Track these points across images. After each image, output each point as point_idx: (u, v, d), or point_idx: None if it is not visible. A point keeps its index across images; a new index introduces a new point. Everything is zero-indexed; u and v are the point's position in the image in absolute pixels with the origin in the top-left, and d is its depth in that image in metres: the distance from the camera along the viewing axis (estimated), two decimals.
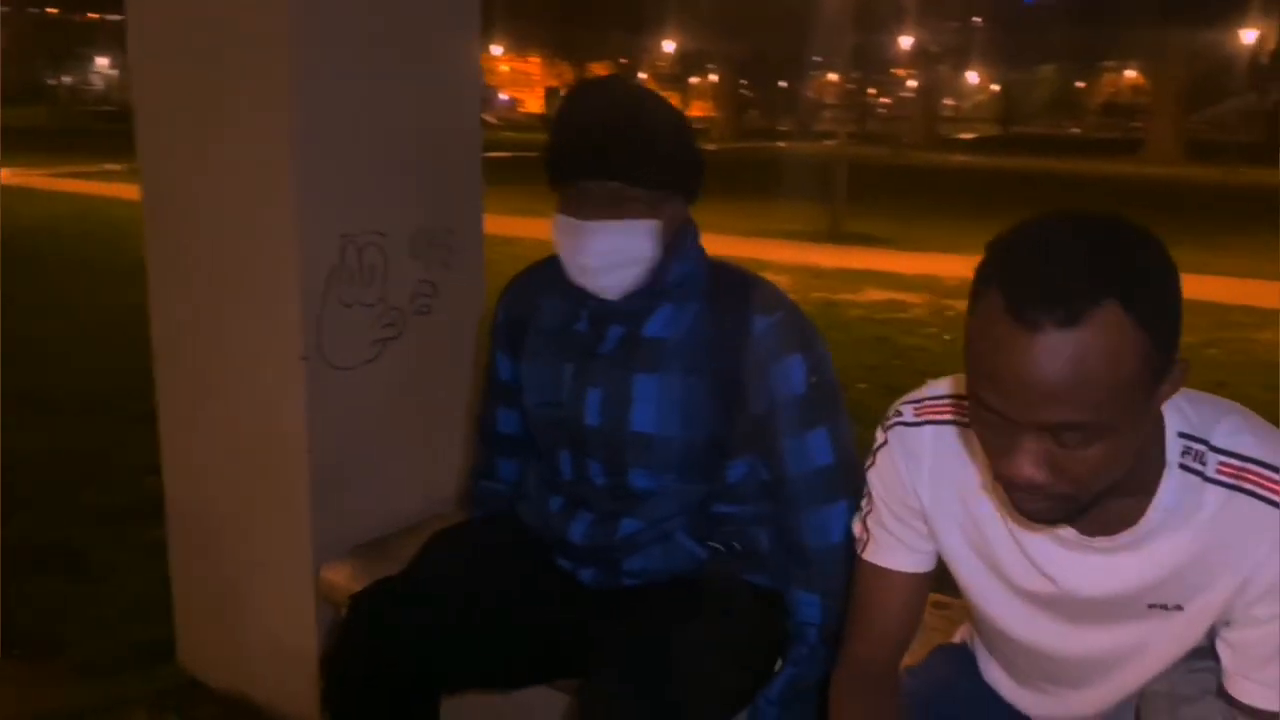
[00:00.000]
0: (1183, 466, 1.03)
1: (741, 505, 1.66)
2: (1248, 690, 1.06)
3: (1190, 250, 10.98)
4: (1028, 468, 0.94)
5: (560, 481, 1.70)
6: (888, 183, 18.46)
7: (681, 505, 1.63)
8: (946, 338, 6.78)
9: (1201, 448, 1.03)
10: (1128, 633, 1.12)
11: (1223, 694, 1.08)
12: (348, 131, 2.05)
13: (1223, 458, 1.02)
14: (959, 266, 9.51)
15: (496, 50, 37.69)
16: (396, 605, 1.62)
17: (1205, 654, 1.12)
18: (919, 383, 1.38)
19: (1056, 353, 0.88)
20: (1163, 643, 1.11)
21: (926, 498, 1.18)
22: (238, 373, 2.16)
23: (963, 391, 1.16)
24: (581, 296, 1.62)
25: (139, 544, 3.13)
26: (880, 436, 1.22)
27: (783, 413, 1.56)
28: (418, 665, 1.58)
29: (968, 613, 1.39)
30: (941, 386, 1.20)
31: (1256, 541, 1.01)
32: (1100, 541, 1.06)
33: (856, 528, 1.30)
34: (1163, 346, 0.91)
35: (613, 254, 1.55)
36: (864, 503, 1.28)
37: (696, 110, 54.36)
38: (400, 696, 1.60)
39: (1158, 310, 0.90)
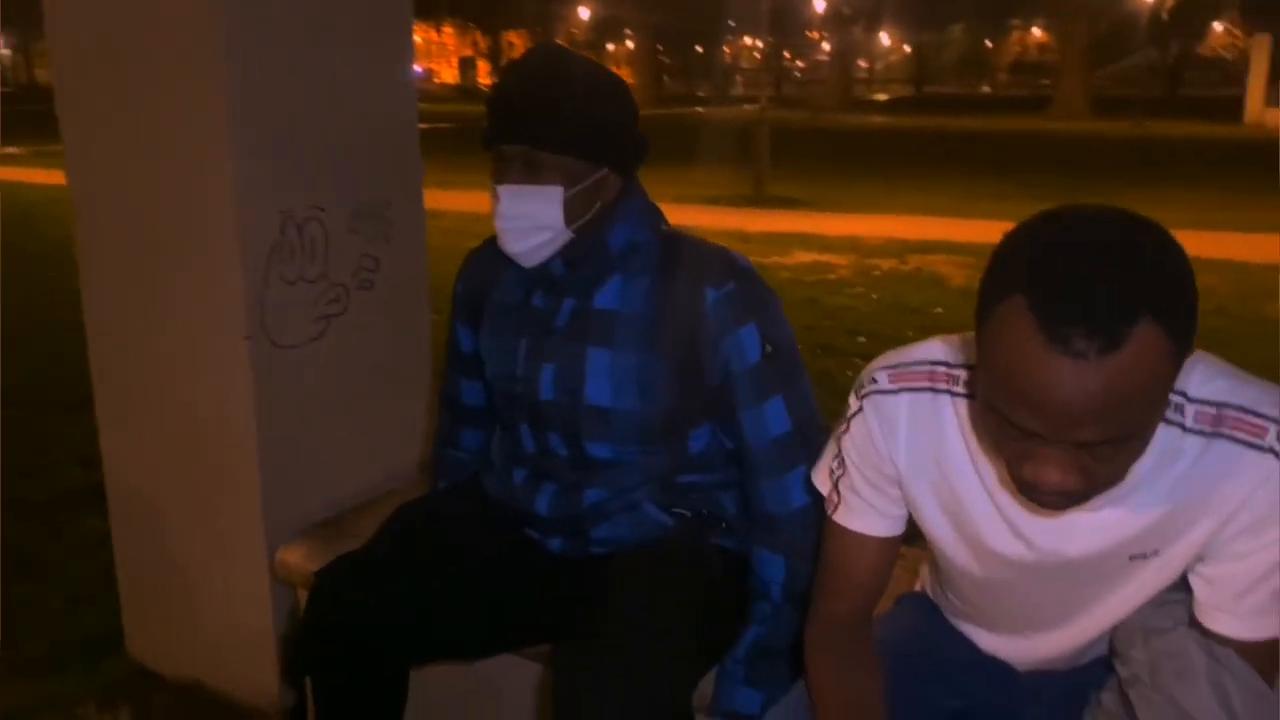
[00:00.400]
0: (1164, 420, 1.04)
1: (707, 473, 1.67)
2: (1223, 621, 1.10)
3: (1098, 201, 11.29)
4: (1056, 476, 0.94)
5: (523, 454, 1.70)
6: (807, 145, 18.60)
7: (645, 475, 1.64)
8: (874, 296, 6.89)
9: (1180, 399, 1.05)
10: (1106, 583, 1.16)
11: (1194, 624, 1.12)
12: (284, 106, 2.00)
13: (1199, 406, 1.05)
14: (881, 227, 9.67)
15: None
16: (360, 579, 1.61)
17: (1176, 587, 1.16)
18: (850, 342, 1.41)
19: (1097, 378, 0.86)
20: (1137, 586, 1.15)
21: (902, 465, 1.19)
22: (180, 355, 2.11)
23: (939, 358, 1.17)
24: (535, 269, 1.62)
25: (76, 536, 3.06)
26: (855, 404, 1.21)
27: (739, 384, 1.56)
28: (384, 639, 1.58)
29: (932, 564, 1.43)
30: (916, 352, 1.19)
31: (1236, 483, 1.04)
32: (1091, 503, 1.07)
33: (826, 488, 1.30)
34: (1187, 346, 0.91)
35: (519, 219, 1.55)
36: (835, 465, 1.27)
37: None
38: (367, 671, 1.60)
39: (1186, 316, 0.89)
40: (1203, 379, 1.06)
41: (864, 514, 1.26)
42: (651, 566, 1.57)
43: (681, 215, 1.74)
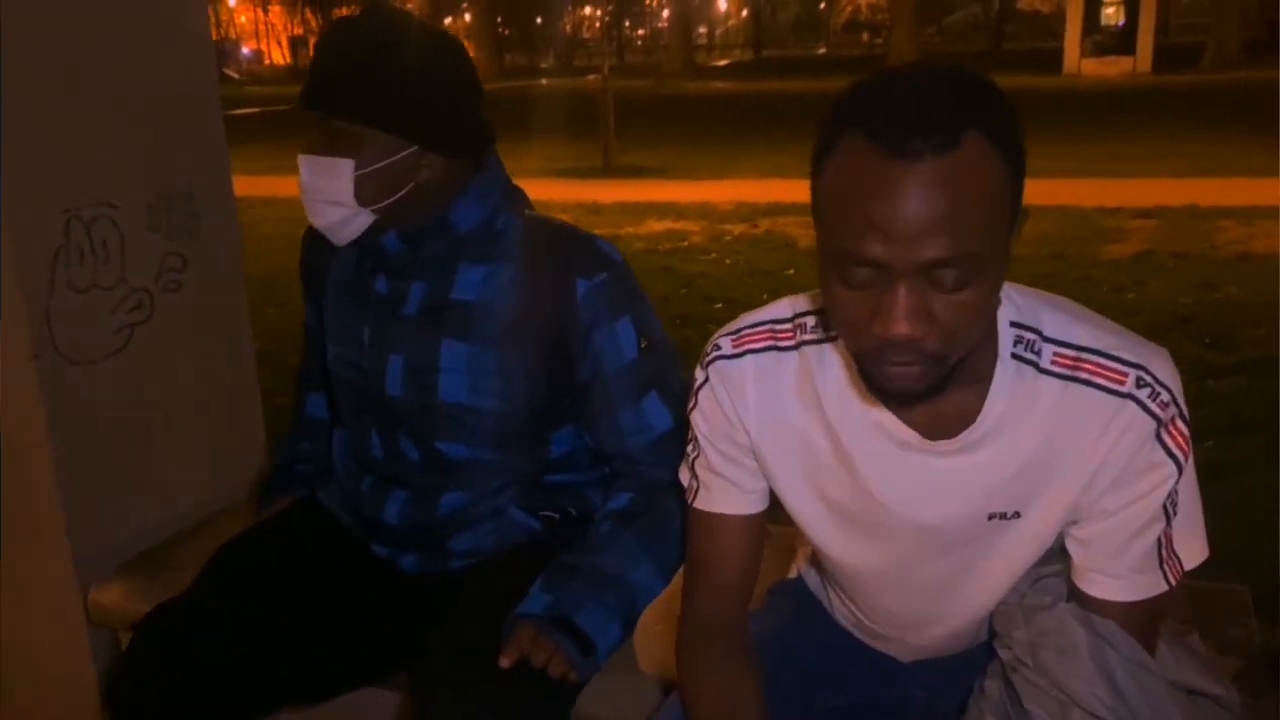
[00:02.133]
0: (1015, 356, 1.00)
1: (575, 472, 1.56)
2: (1100, 584, 1.05)
3: None
4: (904, 322, 0.88)
5: (370, 459, 1.56)
6: (653, 114, 18.58)
7: (508, 477, 1.51)
8: (728, 262, 6.89)
9: (1034, 337, 1.00)
10: (970, 551, 1.09)
11: (1074, 595, 1.07)
12: (60, 96, 1.77)
13: (1056, 348, 1.00)
14: (730, 191, 9.72)
15: (232, 1, 35.25)
16: (187, 628, 1.44)
17: (1051, 561, 1.11)
18: (707, 309, 1.33)
19: (936, 180, 0.85)
20: (1002, 556, 1.09)
21: (753, 429, 1.12)
22: None
23: (781, 316, 1.10)
24: (373, 249, 1.47)
25: None
26: (700, 375, 1.14)
27: (613, 382, 1.45)
28: (219, 692, 1.41)
29: (807, 548, 1.35)
30: (757, 315, 1.13)
31: (1100, 432, 0.99)
32: (943, 445, 1.02)
33: (684, 476, 1.22)
34: (1018, 182, 0.90)
35: (313, 191, 1.42)
36: (689, 448, 1.19)
37: None
38: None
39: (1014, 141, 0.89)
40: (1062, 321, 1.01)
41: (724, 492, 1.17)
42: (515, 574, 1.44)
43: (532, 189, 1.60)
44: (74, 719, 2.01)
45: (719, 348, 1.12)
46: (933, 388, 0.93)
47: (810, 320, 1.09)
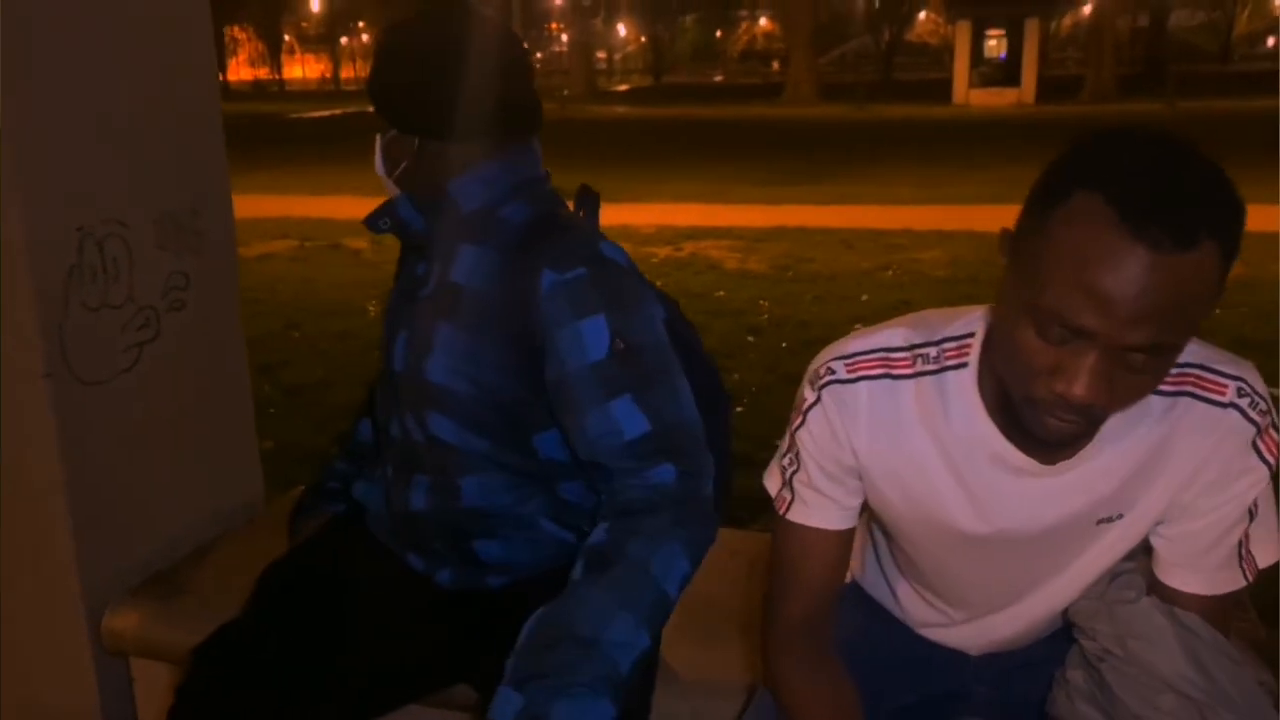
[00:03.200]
0: None
1: (588, 487, 1.52)
2: (1185, 578, 1.12)
3: (842, 183, 11.97)
4: (1089, 388, 0.92)
5: (390, 440, 1.57)
6: (559, 136, 18.58)
7: (516, 476, 1.48)
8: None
9: None
10: (1070, 550, 1.16)
11: (1154, 588, 1.15)
12: (71, 116, 1.73)
13: None
14: (651, 215, 9.81)
15: None
16: (248, 653, 1.42)
17: (1127, 556, 1.18)
18: None
19: (1168, 274, 0.87)
20: (1099, 553, 1.16)
21: (863, 452, 1.16)
22: None
23: (894, 344, 1.14)
24: (402, 228, 1.53)
25: None
26: (811, 395, 1.17)
27: (578, 382, 1.37)
28: (279, 714, 1.39)
29: (868, 551, 1.40)
30: (867, 341, 1.16)
31: (1200, 439, 1.07)
32: (1061, 466, 1.09)
33: (773, 485, 1.25)
34: (1227, 274, 0.92)
35: (379, 168, 1.54)
36: (787, 461, 1.23)
37: (349, 72, 52.19)
38: None
39: (1239, 244, 0.91)
40: None
41: (821, 508, 1.21)
42: (558, 592, 1.43)
43: None
44: None
45: (833, 371, 1.15)
46: (1083, 439, 1.00)
47: (931, 351, 1.13)
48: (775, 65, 44.13)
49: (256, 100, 37.52)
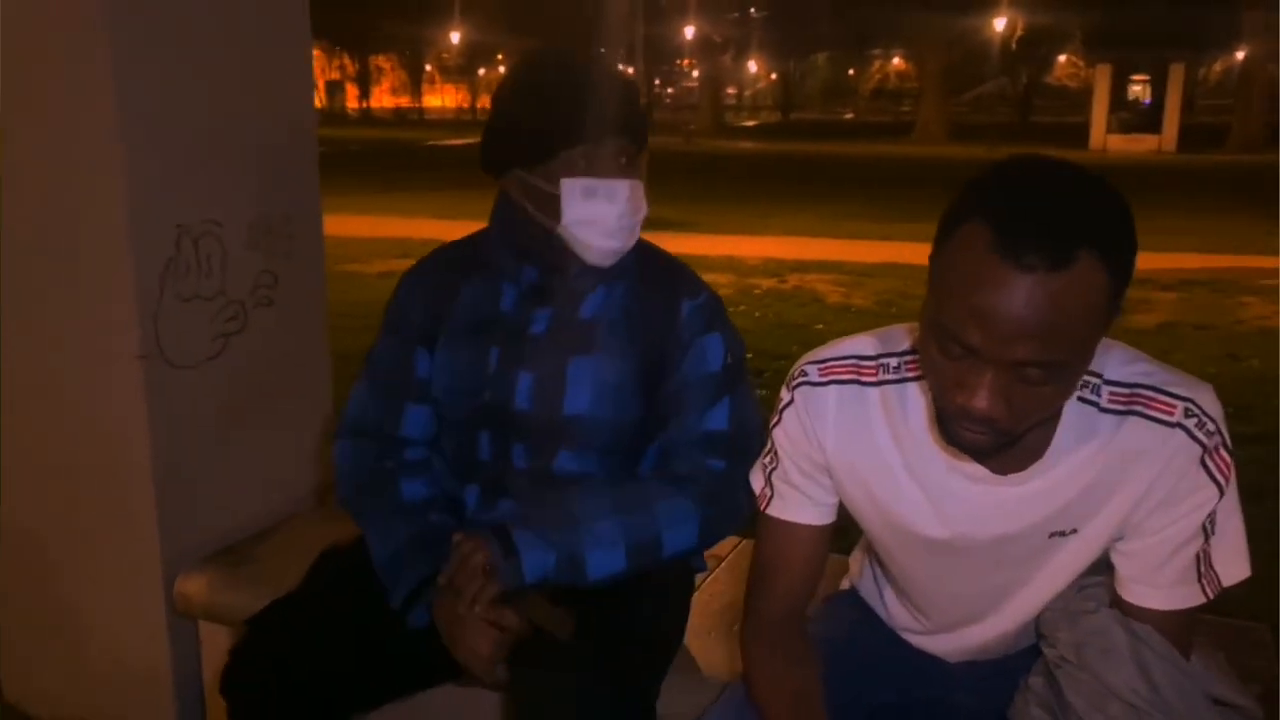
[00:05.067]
0: (1080, 399, 1.11)
1: None
2: (1145, 595, 1.16)
3: None
4: (986, 401, 0.99)
5: (478, 464, 1.61)
6: (682, 170, 18.84)
7: None
8: (756, 314, 7.02)
9: (1096, 380, 1.12)
10: (1029, 564, 1.21)
11: (1117, 603, 1.18)
12: (177, 120, 1.93)
13: (1112, 388, 1.12)
14: (759, 247, 9.88)
15: None
16: (299, 627, 1.53)
17: (1095, 570, 1.22)
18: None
19: (1043, 294, 0.93)
20: (1058, 567, 1.21)
21: (830, 451, 1.23)
22: (71, 377, 2.00)
23: (864, 353, 1.22)
24: (511, 276, 1.58)
25: None
26: (786, 395, 1.26)
27: (695, 389, 1.54)
28: (325, 691, 1.50)
29: (865, 558, 1.46)
30: (841, 348, 1.24)
31: (1150, 459, 1.11)
32: (1013, 478, 1.14)
33: (757, 483, 1.33)
34: (1121, 293, 0.98)
35: (636, 213, 1.53)
36: (768, 459, 1.31)
37: (486, 102, 53.81)
38: None
39: (1125, 255, 0.97)
40: (1118, 363, 1.13)
41: (797, 504, 1.29)
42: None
43: None
44: (145, 708, 2.12)
45: (806, 374, 1.24)
46: (998, 450, 1.06)
47: (892, 361, 1.21)
48: (907, 105, 43.74)
49: (397, 127, 39.06)
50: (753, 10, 35.97)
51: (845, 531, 1.37)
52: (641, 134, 1.55)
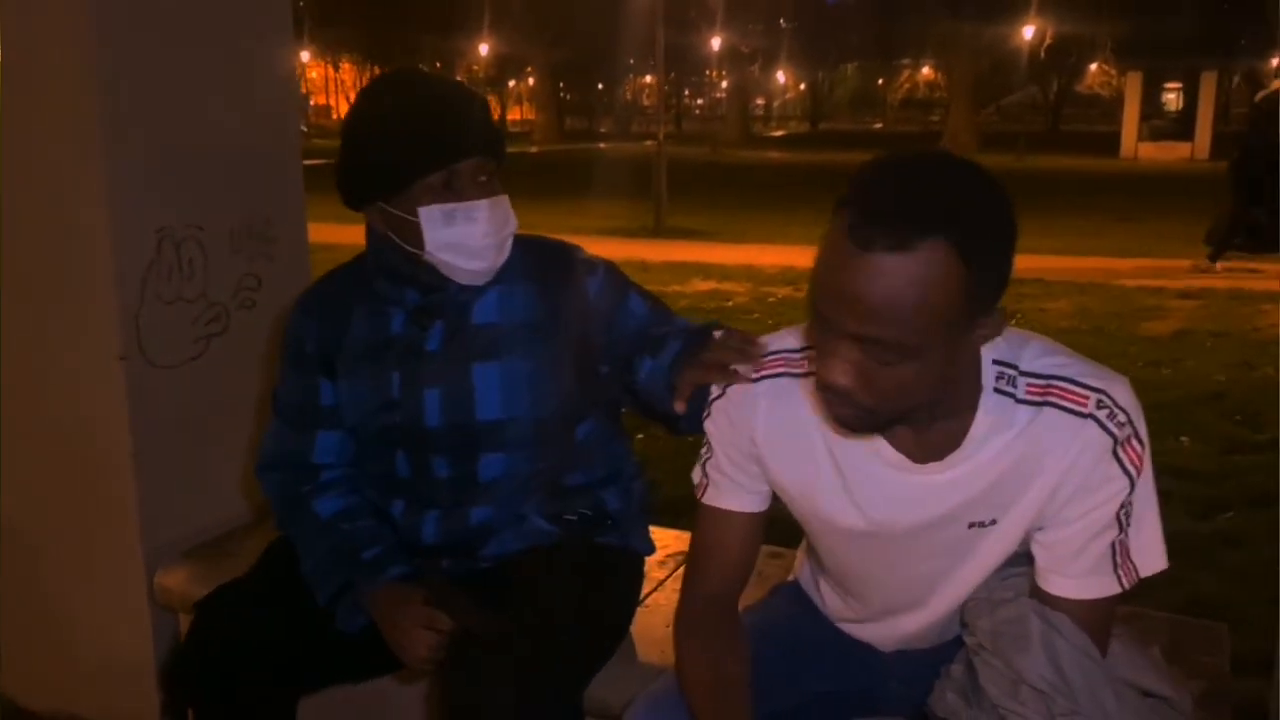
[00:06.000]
0: (997, 390, 1.14)
1: (589, 471, 1.69)
2: (1060, 584, 1.18)
3: None
4: (838, 373, 1.04)
5: (398, 481, 1.65)
6: (706, 179, 18.89)
7: (532, 485, 1.63)
8: (770, 323, 7.03)
9: (1012, 372, 1.14)
10: (950, 554, 1.23)
11: (1036, 593, 1.20)
12: (160, 125, 2.00)
13: (1029, 379, 1.14)
14: (777, 256, 9.87)
15: (305, 56, 36.49)
16: (245, 608, 1.58)
17: (1018, 560, 1.24)
18: None
19: (879, 274, 0.98)
20: (980, 557, 1.23)
21: (760, 442, 1.27)
22: (54, 378, 2.07)
23: (790, 346, 1.26)
24: (394, 297, 1.58)
25: None
26: (716, 390, 1.30)
27: (643, 330, 1.61)
28: (272, 669, 1.55)
29: (805, 550, 1.49)
30: (770, 343, 1.29)
31: (1064, 449, 1.13)
32: (930, 467, 1.17)
33: (696, 474, 1.36)
34: (984, 289, 1.01)
35: (501, 230, 1.53)
36: (704, 450, 1.35)
37: (516, 114, 54.20)
38: (255, 702, 1.56)
39: (984, 253, 1.00)
40: (1035, 355, 1.15)
41: (730, 491, 1.32)
42: (534, 572, 1.57)
43: (584, 246, 1.76)
44: (131, 699, 2.18)
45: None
46: (871, 429, 1.10)
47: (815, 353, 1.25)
48: (936, 114, 43.60)
49: None
50: (782, 21, 35.94)
51: (796, 528, 1.40)
52: (497, 148, 1.54)
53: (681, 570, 2.00)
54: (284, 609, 1.58)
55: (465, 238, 1.51)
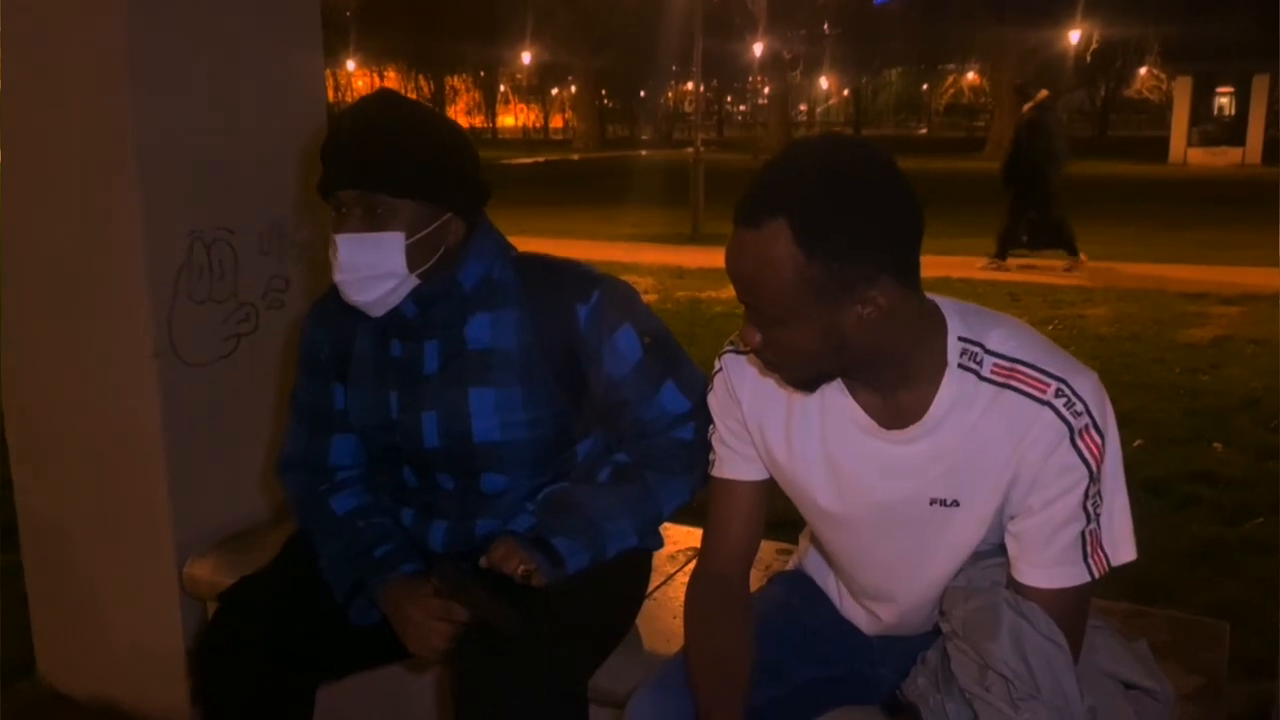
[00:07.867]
0: (961, 365, 1.19)
1: (594, 480, 1.70)
2: (1029, 574, 1.21)
3: None
4: (745, 336, 1.20)
5: (408, 490, 1.71)
6: (745, 186, 18.88)
7: (534, 496, 1.66)
8: None
9: (978, 349, 1.19)
10: (918, 532, 1.27)
11: (1010, 583, 1.24)
12: (192, 130, 2.08)
13: (996, 359, 1.18)
14: None
15: (351, 65, 36.96)
16: (267, 598, 1.64)
17: (996, 552, 1.28)
18: None
19: (739, 246, 1.15)
20: (952, 541, 1.27)
21: (749, 414, 1.34)
22: (89, 376, 2.16)
23: None
24: (386, 319, 1.59)
25: None
26: (716, 364, 1.39)
27: (628, 384, 1.60)
28: (291, 657, 1.61)
29: (809, 535, 1.54)
30: None
31: (1023, 436, 1.17)
32: (895, 434, 1.23)
33: (710, 452, 1.44)
34: (831, 271, 1.10)
35: (361, 268, 1.50)
36: (711, 426, 1.42)
37: (558, 121, 54.51)
38: (276, 689, 1.62)
39: (824, 237, 1.09)
40: (1002, 336, 1.20)
41: (731, 461, 1.39)
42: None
43: (622, 253, 1.80)
44: (162, 685, 2.26)
45: (733, 344, 1.37)
46: (799, 385, 1.23)
47: None
48: (981, 120, 43.22)
49: None
50: (825, 26, 35.81)
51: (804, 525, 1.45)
52: (395, 183, 1.48)
53: (690, 565, 2.06)
54: (303, 600, 1.65)
55: (338, 270, 1.52)
